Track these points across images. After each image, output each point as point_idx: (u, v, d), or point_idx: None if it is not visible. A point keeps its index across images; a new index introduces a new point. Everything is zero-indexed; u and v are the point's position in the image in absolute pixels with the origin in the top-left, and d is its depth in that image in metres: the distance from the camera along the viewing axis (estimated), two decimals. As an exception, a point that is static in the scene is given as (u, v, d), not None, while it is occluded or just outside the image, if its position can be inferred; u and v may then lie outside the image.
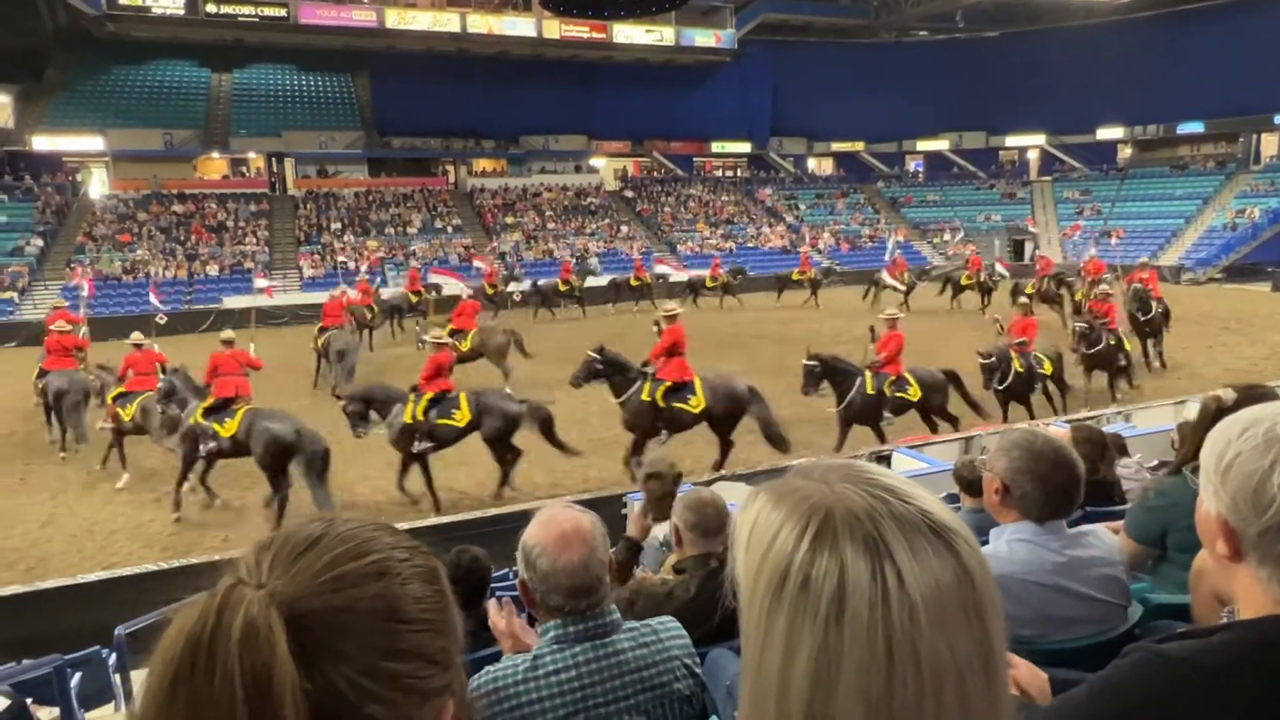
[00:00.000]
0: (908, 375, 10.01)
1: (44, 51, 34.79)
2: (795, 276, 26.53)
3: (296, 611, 0.60)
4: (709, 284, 26.89)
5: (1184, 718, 0.90)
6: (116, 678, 4.65)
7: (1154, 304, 14.34)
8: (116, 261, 28.46)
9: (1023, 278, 21.96)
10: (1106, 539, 2.17)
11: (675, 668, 1.91)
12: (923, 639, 0.58)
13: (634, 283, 26.51)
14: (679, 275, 27.52)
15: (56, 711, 4.11)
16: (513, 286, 26.87)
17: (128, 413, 9.63)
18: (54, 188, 31.90)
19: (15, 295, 25.73)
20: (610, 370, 9.37)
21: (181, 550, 7.73)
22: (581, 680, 1.80)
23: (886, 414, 9.96)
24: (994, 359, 10.94)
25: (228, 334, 9.72)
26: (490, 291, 23.60)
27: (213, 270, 29.19)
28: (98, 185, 34.14)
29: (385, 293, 23.86)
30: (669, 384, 9.08)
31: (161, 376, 9.41)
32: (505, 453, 9.01)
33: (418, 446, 8.71)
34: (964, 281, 23.27)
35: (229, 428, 8.34)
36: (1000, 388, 10.86)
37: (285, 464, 8.21)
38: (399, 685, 0.63)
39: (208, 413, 8.56)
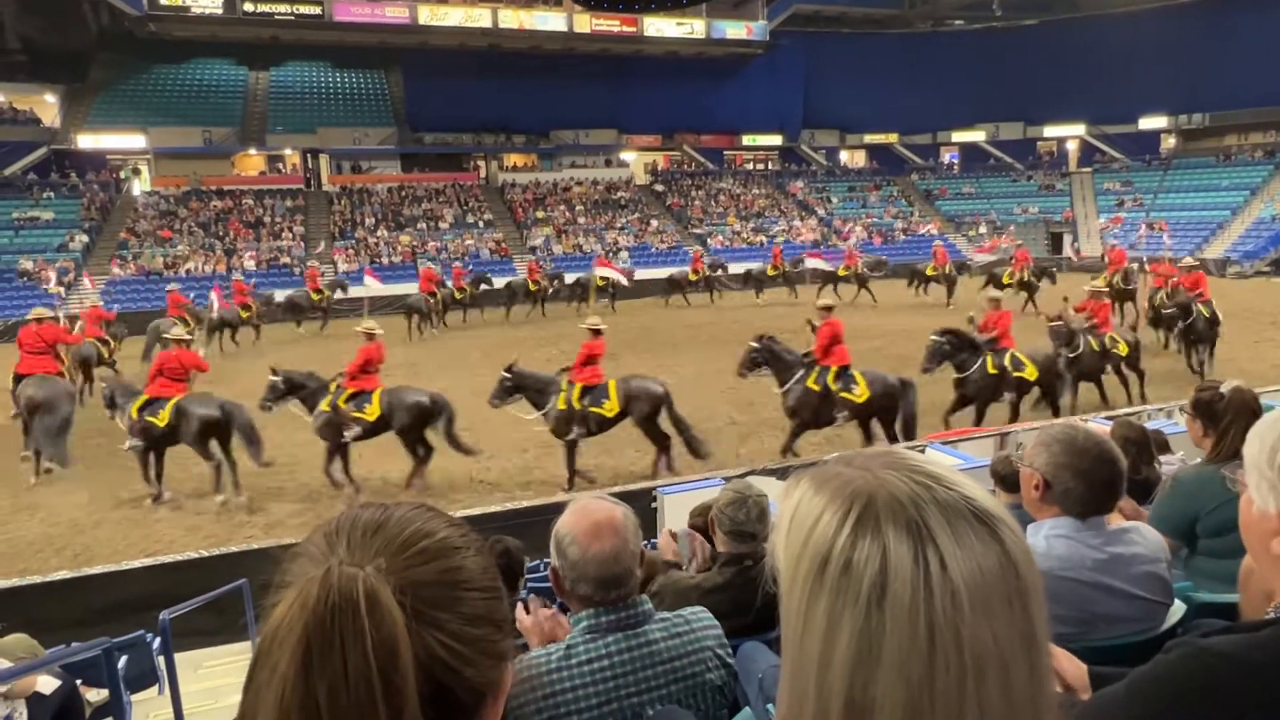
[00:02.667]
0: (856, 374, 9.17)
1: (88, 52, 35.72)
2: (841, 273, 25.67)
3: (399, 584, 0.63)
4: (770, 273, 26.44)
5: (1228, 712, 0.88)
6: (160, 660, 4.77)
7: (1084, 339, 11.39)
8: (158, 257, 29.16)
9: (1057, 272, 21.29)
10: (1150, 536, 2.12)
11: (707, 658, 1.90)
12: (965, 624, 0.58)
13: (692, 277, 26.57)
14: (613, 273, 25.14)
15: (104, 693, 4.22)
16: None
17: (161, 418, 9.04)
18: (98, 185, 32.76)
19: (62, 290, 26.49)
20: (523, 384, 9.38)
21: (221, 538, 7.90)
22: (614, 670, 1.81)
23: (839, 415, 9.13)
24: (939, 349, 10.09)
25: (177, 331, 10.06)
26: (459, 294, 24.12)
27: (250, 264, 29.74)
28: (139, 182, 34.98)
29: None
30: (581, 387, 9.06)
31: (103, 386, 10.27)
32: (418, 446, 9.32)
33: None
34: (1005, 280, 22.36)
35: (162, 417, 8.98)
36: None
37: (213, 438, 9.05)
38: (481, 648, 0.67)
39: (143, 409, 9.12)
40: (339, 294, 24.68)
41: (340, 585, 0.61)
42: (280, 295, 24.43)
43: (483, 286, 25.76)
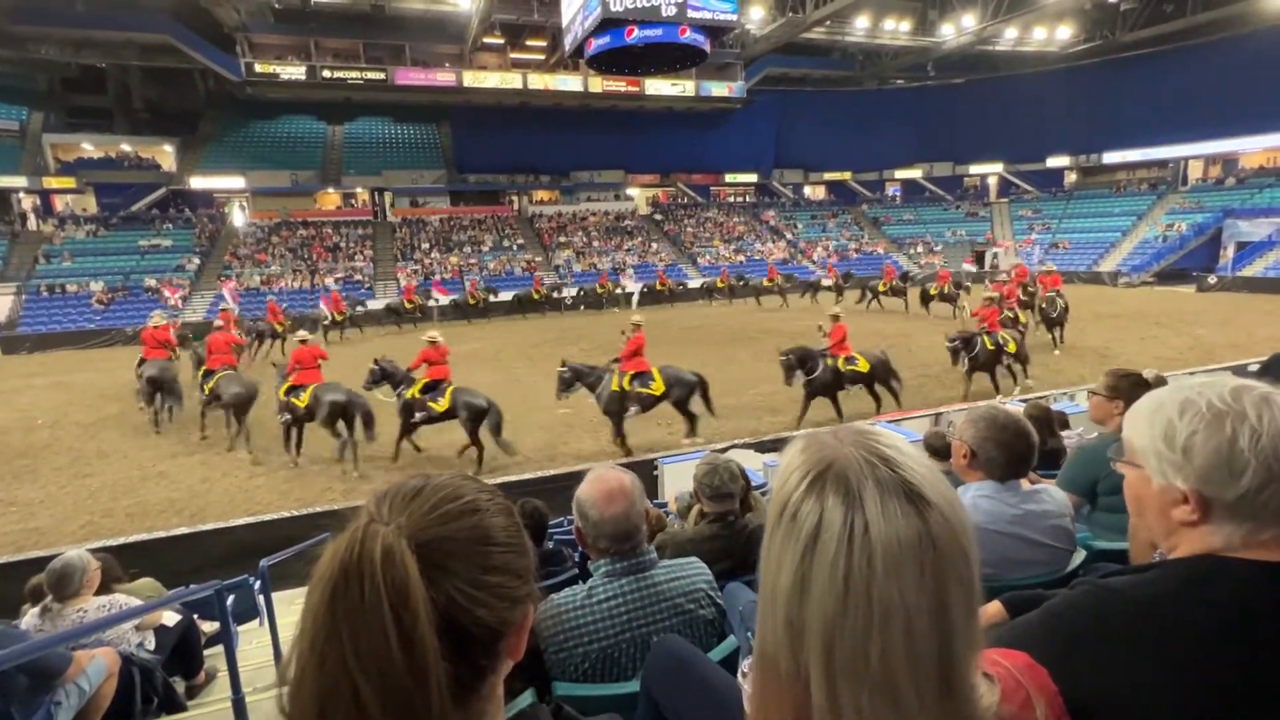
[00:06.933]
0: (857, 355, 10.13)
1: (199, 111, 35.72)
2: (823, 285, 25.60)
3: (417, 540, 0.64)
4: (719, 285, 26.26)
5: (1120, 639, 0.89)
6: (261, 599, 4.79)
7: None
8: (255, 275, 29.20)
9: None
10: (1057, 496, 2.12)
11: (700, 597, 1.91)
12: (875, 580, 0.58)
13: (659, 287, 26.59)
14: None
15: (216, 625, 4.25)
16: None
17: (302, 401, 9.11)
18: (207, 218, 32.77)
19: (179, 302, 26.62)
20: (580, 375, 9.35)
21: (308, 501, 7.94)
22: (627, 606, 1.82)
23: (847, 386, 10.08)
24: (958, 339, 11.09)
25: (303, 333, 10.15)
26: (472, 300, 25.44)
27: (329, 281, 29.76)
28: (240, 215, 35.03)
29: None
30: (633, 373, 9.05)
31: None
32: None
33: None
34: (932, 292, 21.87)
35: (302, 400, 9.17)
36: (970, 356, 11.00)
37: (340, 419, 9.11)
38: (495, 593, 0.66)
39: (288, 391, 9.44)
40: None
41: (364, 539, 0.62)
42: (374, 304, 25.39)
43: (490, 298, 26.36)
